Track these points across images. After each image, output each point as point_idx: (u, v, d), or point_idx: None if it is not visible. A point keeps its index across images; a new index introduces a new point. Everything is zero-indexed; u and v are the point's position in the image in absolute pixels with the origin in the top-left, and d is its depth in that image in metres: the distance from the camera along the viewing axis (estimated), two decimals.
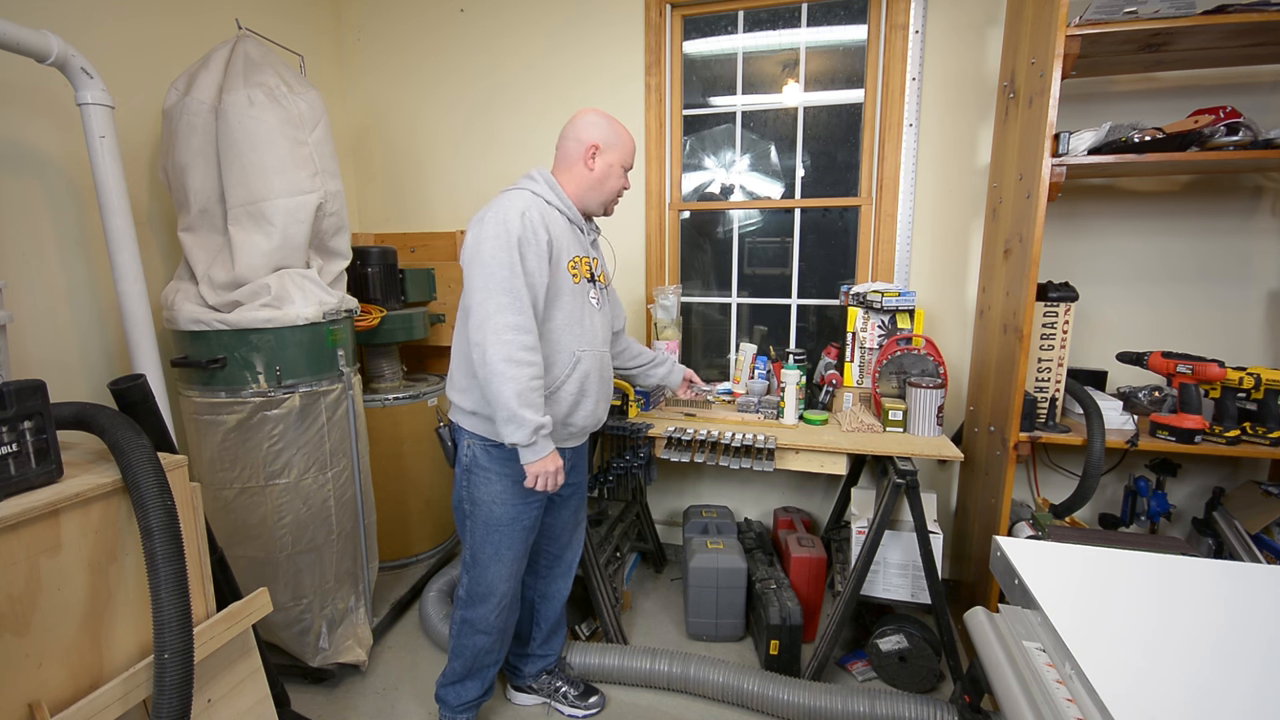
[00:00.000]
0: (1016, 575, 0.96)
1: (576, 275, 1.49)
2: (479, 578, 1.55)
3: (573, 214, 1.52)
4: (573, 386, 1.49)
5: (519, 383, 1.33)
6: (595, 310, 1.54)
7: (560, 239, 1.45)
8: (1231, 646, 0.79)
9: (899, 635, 1.85)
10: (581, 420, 1.55)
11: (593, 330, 1.52)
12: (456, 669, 1.63)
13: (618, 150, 1.53)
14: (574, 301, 1.47)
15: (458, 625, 1.61)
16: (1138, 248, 2.09)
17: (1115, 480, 2.19)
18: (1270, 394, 1.72)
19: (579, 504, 1.76)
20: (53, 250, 1.68)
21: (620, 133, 1.53)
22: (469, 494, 1.53)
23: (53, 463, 1.04)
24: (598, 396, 1.56)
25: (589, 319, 1.51)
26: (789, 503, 2.60)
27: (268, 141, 1.68)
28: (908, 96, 2.21)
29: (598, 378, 1.54)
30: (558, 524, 1.72)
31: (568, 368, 1.48)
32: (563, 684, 1.81)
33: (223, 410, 1.69)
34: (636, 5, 2.43)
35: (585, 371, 1.50)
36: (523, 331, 1.34)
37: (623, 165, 1.54)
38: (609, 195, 1.55)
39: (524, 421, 1.34)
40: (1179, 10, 1.59)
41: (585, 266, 1.53)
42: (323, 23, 2.67)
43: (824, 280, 2.52)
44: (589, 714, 1.78)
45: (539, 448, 1.38)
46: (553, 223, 1.44)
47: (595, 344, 1.53)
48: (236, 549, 1.72)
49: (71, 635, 1.03)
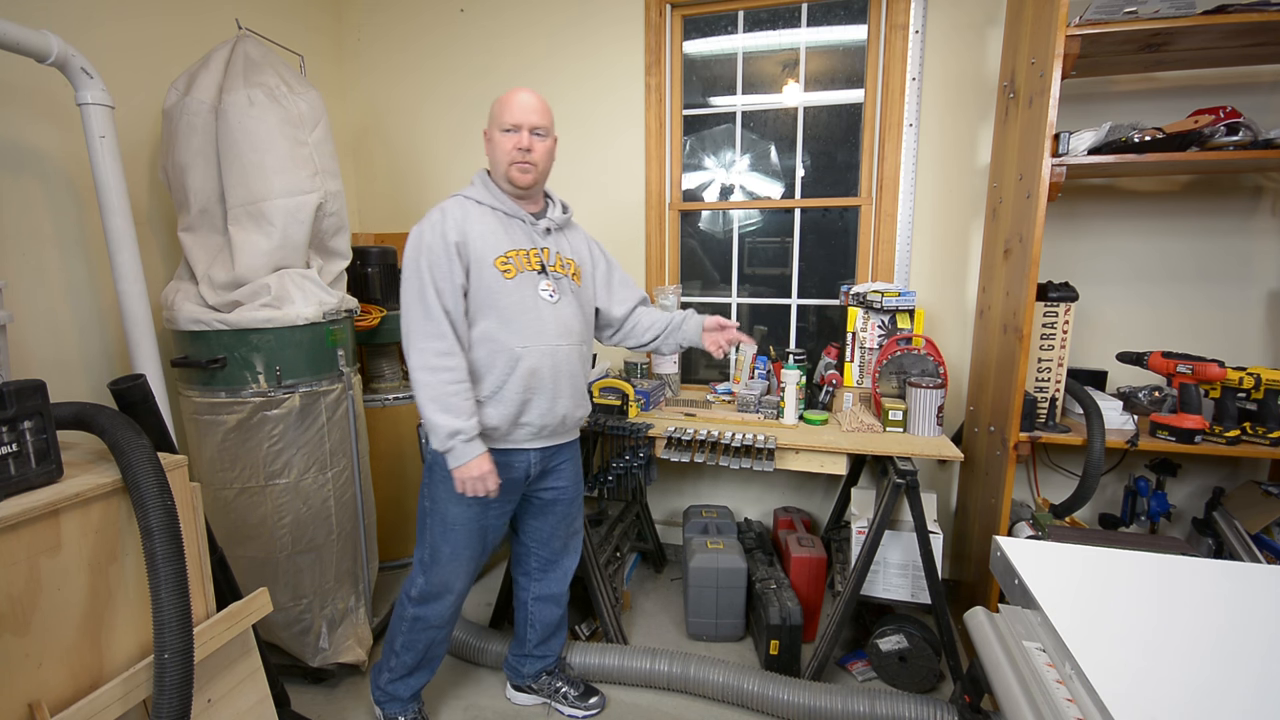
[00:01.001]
0: (1016, 575, 0.96)
1: (511, 270, 1.44)
2: (436, 576, 1.55)
3: (509, 207, 1.49)
4: (516, 385, 1.45)
5: (433, 388, 1.37)
6: (548, 304, 1.48)
7: (484, 238, 1.43)
8: (1231, 646, 0.79)
9: (899, 635, 1.85)
10: (538, 420, 1.50)
11: (540, 325, 1.46)
12: (408, 661, 1.62)
13: (491, 121, 1.48)
14: (510, 298, 1.43)
15: (409, 622, 1.59)
16: (1138, 248, 2.09)
17: (1115, 480, 2.19)
18: (1270, 394, 1.72)
19: (566, 510, 1.69)
20: (53, 250, 1.68)
21: (495, 103, 1.48)
22: (429, 491, 1.53)
23: (53, 463, 1.04)
24: (554, 394, 1.50)
25: (534, 314, 1.46)
26: (789, 503, 2.60)
27: (268, 141, 1.68)
28: (908, 96, 2.21)
29: (550, 374, 1.48)
30: (544, 529, 1.68)
31: (507, 368, 1.44)
32: (563, 684, 1.81)
33: (223, 410, 1.69)
34: (636, 5, 2.43)
35: (531, 369, 1.45)
36: (435, 338, 1.38)
37: (499, 128, 1.46)
38: (500, 160, 1.47)
39: (437, 427, 1.37)
40: (1179, 10, 1.59)
41: (531, 259, 1.48)
42: (323, 23, 2.67)
43: (824, 280, 2.52)
44: (589, 714, 1.78)
45: (458, 453, 1.38)
46: (474, 223, 1.43)
47: (545, 339, 1.47)
48: (236, 549, 1.72)
49: (71, 635, 1.03)
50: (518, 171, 1.47)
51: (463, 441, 1.38)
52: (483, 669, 1.99)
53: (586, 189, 2.60)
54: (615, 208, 2.58)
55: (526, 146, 1.45)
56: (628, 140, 2.52)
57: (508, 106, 1.45)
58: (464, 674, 1.97)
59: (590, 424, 1.99)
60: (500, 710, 1.83)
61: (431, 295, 1.38)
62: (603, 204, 2.59)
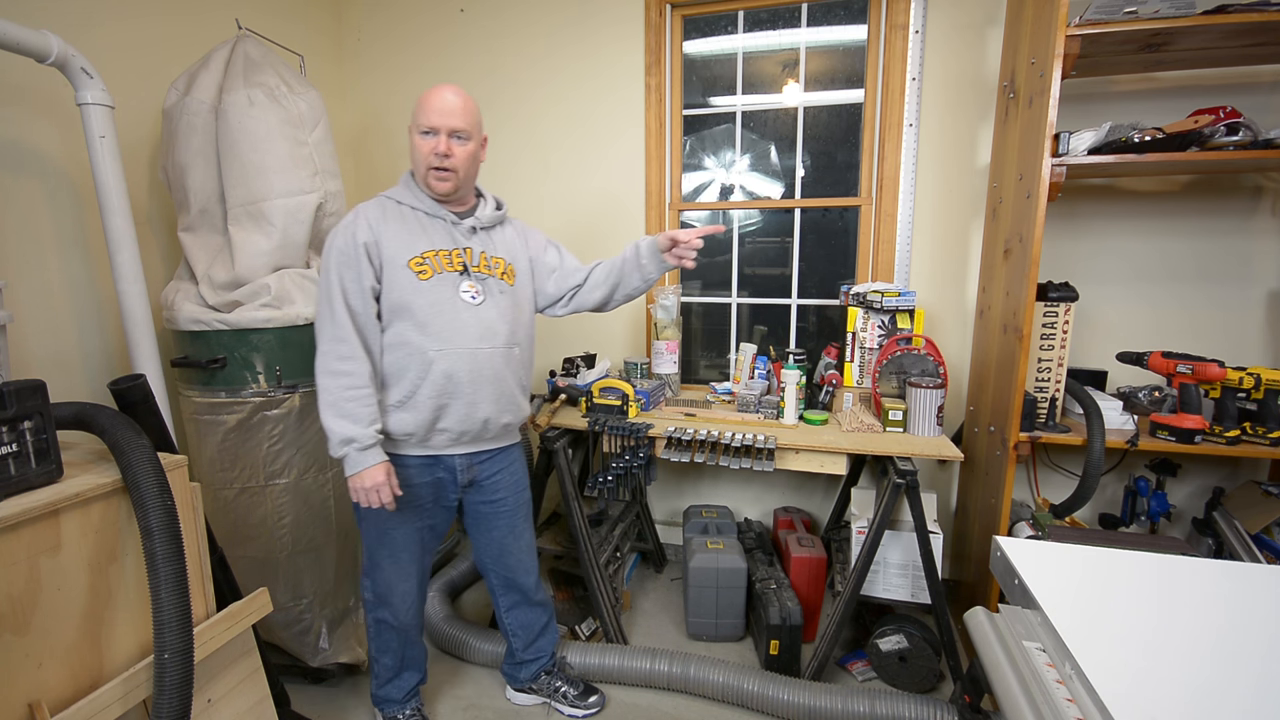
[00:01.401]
0: (1016, 575, 0.96)
1: (428, 271, 1.40)
2: (380, 580, 1.54)
3: (429, 207, 1.45)
4: (430, 390, 1.41)
5: (330, 393, 1.35)
6: (468, 306, 1.42)
7: (397, 237, 1.39)
8: (1231, 646, 0.79)
9: (899, 635, 1.85)
10: (456, 425, 1.45)
11: (458, 327, 1.41)
12: (389, 664, 1.62)
13: (412, 118, 1.42)
14: (423, 300, 1.39)
15: (374, 626, 1.59)
16: (1138, 248, 2.09)
17: (1115, 480, 2.18)
18: (1270, 394, 1.72)
19: (511, 522, 1.63)
20: (53, 250, 1.68)
21: (417, 101, 1.41)
22: None
23: (53, 463, 1.04)
24: (473, 399, 1.44)
25: (452, 315, 1.41)
26: (789, 503, 2.60)
27: (268, 141, 1.68)
28: (908, 96, 2.21)
29: (469, 378, 1.43)
30: (493, 544, 1.64)
31: (421, 371, 1.40)
32: (562, 684, 1.81)
33: (223, 410, 1.69)
34: (636, 5, 2.43)
35: (446, 373, 1.40)
36: (336, 341, 1.35)
37: (418, 130, 1.40)
38: (418, 164, 1.42)
39: (331, 432, 1.35)
40: (1179, 10, 1.59)
41: (453, 260, 1.43)
42: (323, 23, 2.67)
43: (824, 280, 2.52)
44: (589, 714, 1.78)
45: (352, 461, 1.35)
46: (391, 223, 1.40)
47: (463, 342, 1.41)
48: (236, 549, 1.72)
49: (71, 635, 1.03)
50: (435, 179, 1.41)
51: (356, 450, 1.34)
52: (482, 668, 1.99)
53: (587, 189, 2.60)
54: (615, 208, 2.58)
55: (444, 152, 1.38)
56: (628, 140, 2.52)
57: (426, 107, 1.38)
58: (464, 673, 1.97)
59: (590, 424, 1.99)
60: (500, 709, 1.83)
61: (338, 297, 1.35)
62: (603, 204, 2.59)
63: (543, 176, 2.64)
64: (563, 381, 2.30)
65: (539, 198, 2.66)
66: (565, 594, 2.27)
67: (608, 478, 1.97)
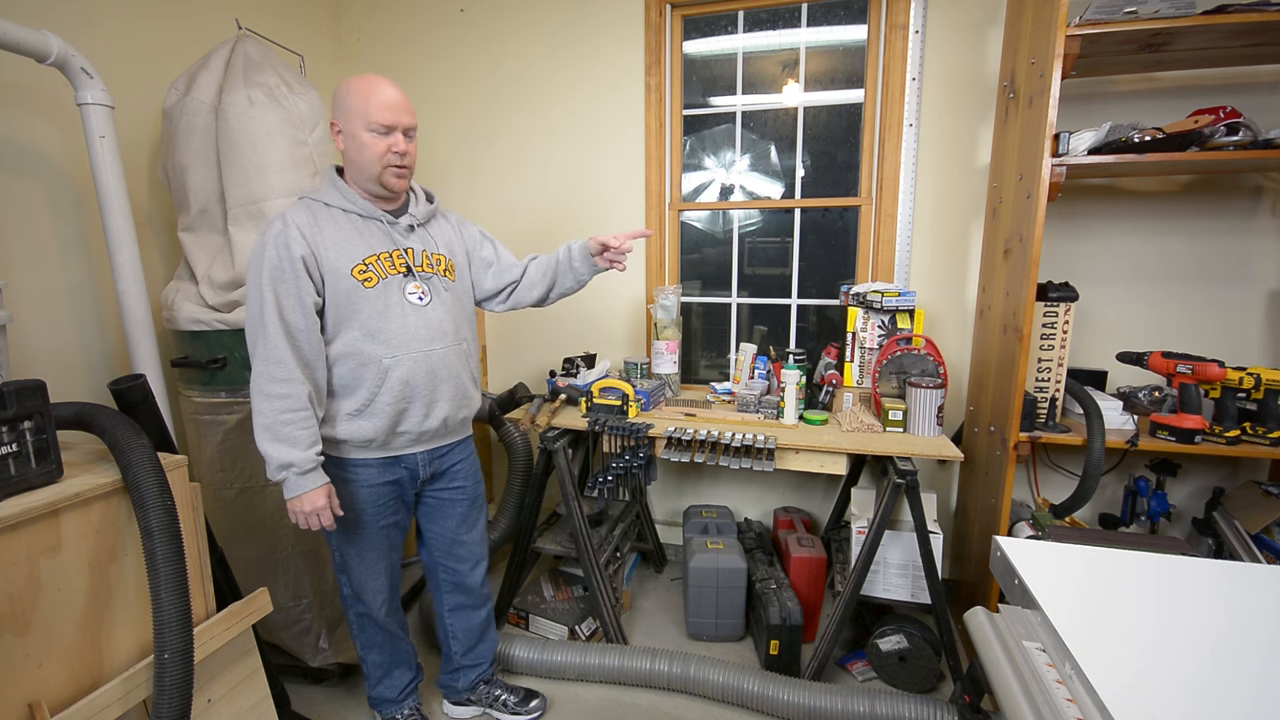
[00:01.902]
0: (1016, 575, 0.96)
1: (372, 278, 1.35)
2: (354, 577, 1.52)
3: (364, 209, 1.38)
4: (388, 397, 1.37)
5: (266, 416, 1.28)
6: (416, 308, 1.39)
7: (336, 246, 1.32)
8: (1231, 646, 0.79)
9: (899, 635, 1.85)
10: (415, 427, 1.43)
11: (408, 333, 1.38)
12: (376, 662, 1.60)
13: (349, 114, 1.32)
14: (371, 308, 1.34)
15: (355, 622, 1.57)
16: (1138, 248, 2.09)
17: (1115, 480, 2.18)
18: (1270, 394, 1.72)
19: (467, 512, 1.62)
20: (53, 250, 1.68)
21: (348, 94, 1.32)
22: None
23: (53, 463, 1.04)
24: (430, 400, 1.43)
25: (400, 320, 1.37)
26: (789, 503, 2.60)
27: (268, 141, 1.68)
28: (908, 96, 2.21)
29: (426, 381, 1.41)
30: (445, 534, 1.61)
31: (377, 380, 1.36)
32: (501, 691, 1.77)
33: (223, 410, 1.69)
34: (636, 5, 2.43)
35: (403, 379, 1.37)
36: (271, 362, 1.27)
37: (366, 127, 1.31)
38: (371, 164, 1.34)
39: (269, 458, 1.28)
40: (1179, 10, 1.59)
41: (395, 262, 1.39)
42: (323, 23, 2.67)
43: (824, 280, 2.52)
44: (531, 718, 1.75)
45: (291, 485, 1.29)
46: (325, 231, 1.32)
47: (416, 346, 1.38)
48: (236, 549, 1.72)
49: (71, 635, 1.03)
50: (393, 177, 1.36)
51: (295, 474, 1.29)
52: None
53: (587, 189, 2.60)
54: (616, 208, 2.58)
55: (403, 150, 1.35)
56: (628, 140, 2.52)
57: (377, 104, 1.31)
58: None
59: (590, 424, 1.99)
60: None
61: (272, 315, 1.27)
62: (603, 204, 2.59)
63: (543, 176, 2.64)
64: (563, 381, 2.30)
65: (539, 197, 2.66)
66: (565, 594, 2.27)
67: (608, 478, 1.97)
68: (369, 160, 1.34)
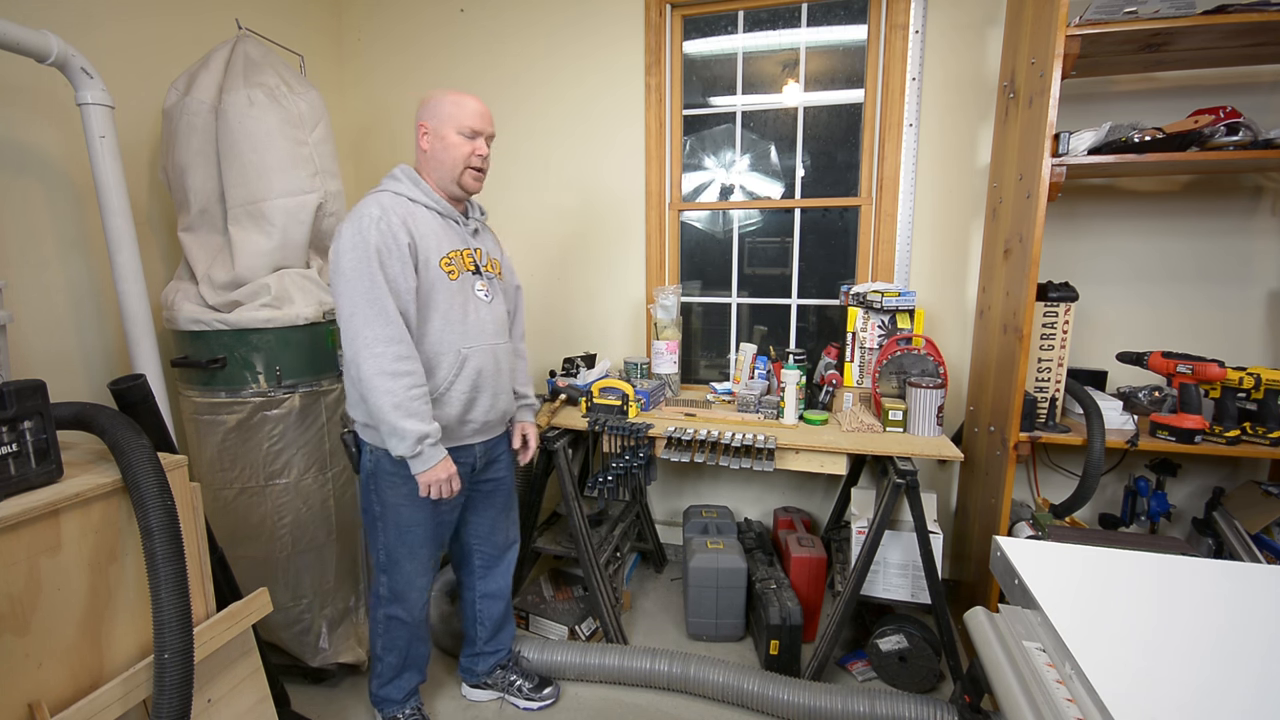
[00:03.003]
0: (1016, 575, 0.96)
1: (454, 271, 1.45)
2: (397, 576, 1.55)
3: (442, 207, 1.47)
4: (463, 386, 1.46)
5: (395, 395, 1.32)
6: (483, 303, 1.51)
7: (427, 238, 1.41)
8: (1231, 646, 0.79)
9: (899, 635, 1.85)
10: (481, 416, 1.53)
11: (479, 325, 1.49)
12: (392, 663, 1.63)
13: (440, 118, 1.44)
14: (453, 299, 1.44)
15: (383, 623, 1.59)
16: (1138, 248, 2.09)
17: (1115, 480, 2.18)
18: (1270, 394, 1.72)
19: (506, 499, 1.73)
20: (53, 250, 1.68)
21: (442, 101, 1.45)
22: (378, 497, 1.50)
23: (53, 463, 1.04)
24: (495, 390, 1.54)
25: (474, 314, 1.48)
26: (789, 503, 2.60)
27: (268, 141, 1.68)
28: (908, 96, 2.21)
29: (493, 372, 1.52)
30: (485, 521, 1.70)
31: (454, 368, 1.45)
32: (517, 677, 1.83)
33: (223, 410, 1.69)
34: (636, 5, 2.43)
35: (476, 369, 1.47)
36: (394, 342, 1.32)
37: (456, 130, 1.43)
38: (454, 166, 1.45)
39: (405, 433, 1.34)
40: (1179, 10, 1.59)
41: (466, 260, 1.49)
42: (323, 23, 2.67)
43: (824, 280, 2.52)
44: (543, 705, 1.80)
45: (426, 457, 1.37)
46: (418, 222, 1.41)
47: (484, 339, 1.50)
48: (236, 549, 1.72)
49: (71, 635, 1.03)
50: (471, 179, 1.48)
51: (430, 445, 1.37)
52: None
53: (586, 188, 2.60)
54: (615, 207, 2.58)
55: (485, 154, 1.47)
56: (628, 140, 2.52)
57: (467, 110, 1.44)
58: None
59: (590, 424, 1.99)
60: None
61: (386, 297, 1.33)
62: (603, 204, 2.59)
63: (543, 176, 2.64)
64: (563, 381, 2.30)
65: (539, 197, 2.66)
66: (565, 594, 2.27)
67: (608, 478, 1.97)
68: (454, 160, 1.45)
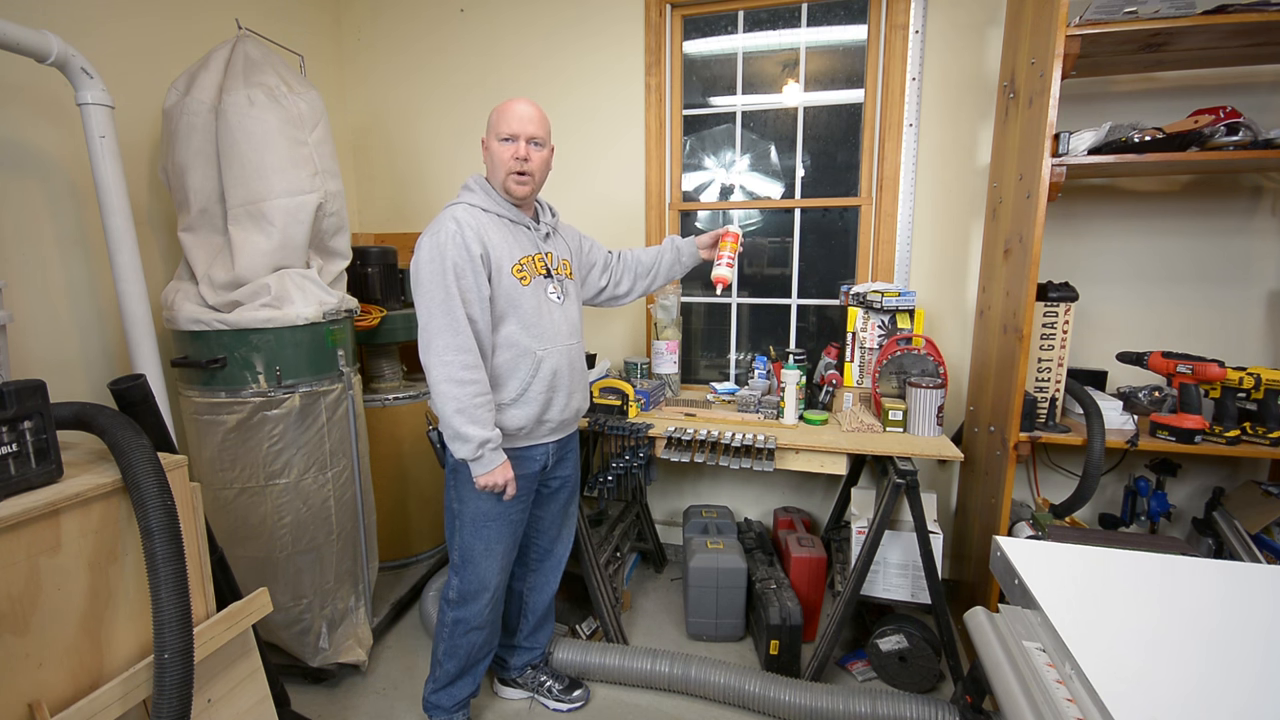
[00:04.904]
0: (1016, 575, 0.96)
1: (526, 277, 1.50)
2: (471, 575, 1.57)
3: (512, 214, 1.53)
4: (540, 387, 1.52)
5: (460, 401, 1.39)
6: (556, 306, 1.55)
7: (499, 246, 1.46)
8: (1231, 646, 0.79)
9: (899, 635, 1.85)
10: (557, 416, 1.58)
11: (554, 328, 1.54)
12: (450, 670, 1.64)
13: (489, 128, 1.51)
14: (527, 304, 1.49)
15: (449, 627, 1.62)
16: (1138, 248, 2.09)
17: (1115, 480, 2.18)
18: (1270, 394, 1.72)
19: (569, 497, 1.78)
20: (53, 250, 1.68)
21: (493, 111, 1.51)
22: (457, 493, 1.56)
23: (53, 463, 1.04)
24: (570, 389, 1.59)
25: (548, 317, 1.53)
26: (789, 503, 2.60)
27: (267, 141, 1.68)
28: (908, 96, 2.21)
29: (567, 372, 1.57)
30: (546, 517, 1.75)
31: (531, 370, 1.50)
32: (548, 678, 1.84)
33: (223, 410, 1.69)
34: (636, 5, 2.43)
35: (552, 370, 1.53)
36: (462, 351, 1.39)
37: (497, 137, 1.48)
38: (497, 169, 1.50)
39: (468, 438, 1.40)
40: (1179, 10, 1.59)
41: (538, 264, 1.54)
42: (323, 23, 2.67)
43: (824, 280, 2.52)
44: (574, 707, 1.81)
45: (485, 461, 1.43)
46: (490, 232, 1.45)
47: (559, 340, 1.54)
48: (236, 549, 1.72)
49: (71, 635, 1.03)
50: (514, 183, 1.50)
51: (490, 450, 1.43)
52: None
53: (587, 189, 2.60)
54: (615, 208, 2.58)
55: (524, 156, 1.48)
56: (628, 140, 2.52)
57: (505, 116, 1.48)
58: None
59: (590, 424, 1.99)
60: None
61: (459, 308, 1.39)
62: (603, 204, 2.59)
63: None
64: None
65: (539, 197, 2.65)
66: (565, 594, 2.27)
67: (608, 478, 1.97)
68: (496, 166, 1.49)
